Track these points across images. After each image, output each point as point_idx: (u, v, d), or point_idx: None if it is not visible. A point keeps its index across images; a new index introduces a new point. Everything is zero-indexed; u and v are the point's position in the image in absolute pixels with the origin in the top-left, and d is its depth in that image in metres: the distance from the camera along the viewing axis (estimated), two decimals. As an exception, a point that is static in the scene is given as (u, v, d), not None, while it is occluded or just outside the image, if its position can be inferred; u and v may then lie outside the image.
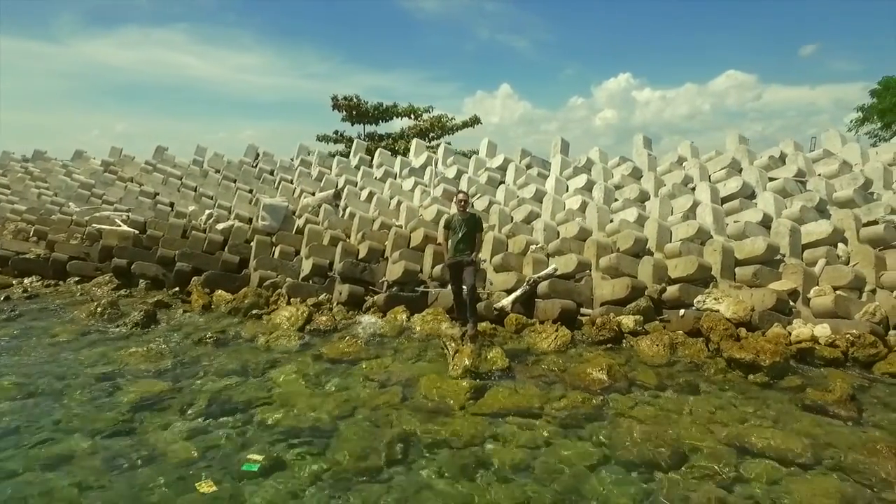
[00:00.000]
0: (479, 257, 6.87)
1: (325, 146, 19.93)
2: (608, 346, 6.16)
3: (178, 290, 8.65)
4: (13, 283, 9.07)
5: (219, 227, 10.21)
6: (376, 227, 9.54)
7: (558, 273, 7.37)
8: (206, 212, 11.26)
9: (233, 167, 13.68)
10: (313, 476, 3.47)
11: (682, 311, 6.52)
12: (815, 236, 7.25)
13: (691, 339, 6.05)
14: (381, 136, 20.75)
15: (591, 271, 7.57)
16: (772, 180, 9.01)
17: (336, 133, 20.92)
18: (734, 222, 7.95)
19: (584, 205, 9.17)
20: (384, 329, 6.82)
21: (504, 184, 10.78)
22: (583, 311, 6.92)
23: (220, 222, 10.48)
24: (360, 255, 8.65)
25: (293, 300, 7.80)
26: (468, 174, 11.21)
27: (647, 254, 7.66)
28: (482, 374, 5.21)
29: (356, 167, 12.98)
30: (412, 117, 21.17)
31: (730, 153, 10.20)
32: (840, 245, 7.15)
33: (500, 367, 5.33)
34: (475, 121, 21.14)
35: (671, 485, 3.40)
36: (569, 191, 10.10)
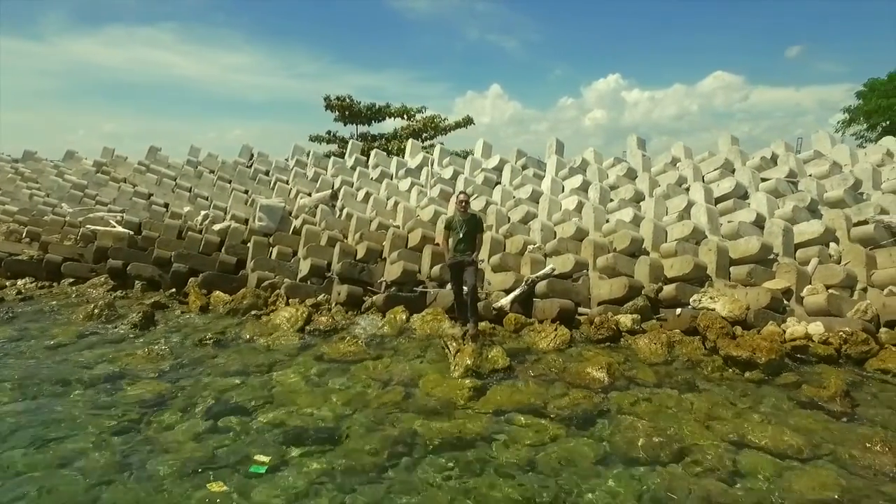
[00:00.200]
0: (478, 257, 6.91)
1: (318, 146, 19.91)
2: (607, 344, 6.23)
3: (174, 291, 8.60)
4: (6, 284, 8.97)
5: (215, 227, 10.18)
6: (374, 227, 9.57)
7: (556, 273, 7.44)
8: (201, 212, 11.21)
9: (227, 168, 13.63)
10: (320, 475, 3.49)
11: (678, 310, 6.61)
12: (807, 236, 7.38)
13: (688, 338, 6.13)
14: (373, 137, 20.77)
15: (588, 271, 7.65)
16: (764, 181, 9.16)
17: (329, 133, 20.92)
18: (728, 222, 8.07)
19: (580, 205, 9.26)
20: (384, 329, 6.85)
21: (500, 184, 10.85)
22: (581, 310, 7.01)
23: (216, 223, 10.45)
24: (358, 256, 8.67)
25: (292, 301, 7.81)
26: (464, 175, 11.26)
27: (644, 253, 7.76)
28: (483, 373, 5.26)
29: (352, 168, 12.99)
30: (405, 118, 21.21)
31: (722, 154, 10.34)
32: (832, 244, 7.29)
33: (501, 366, 5.38)
34: (468, 121, 21.23)
35: (673, 478, 3.47)
36: (564, 191, 10.20)
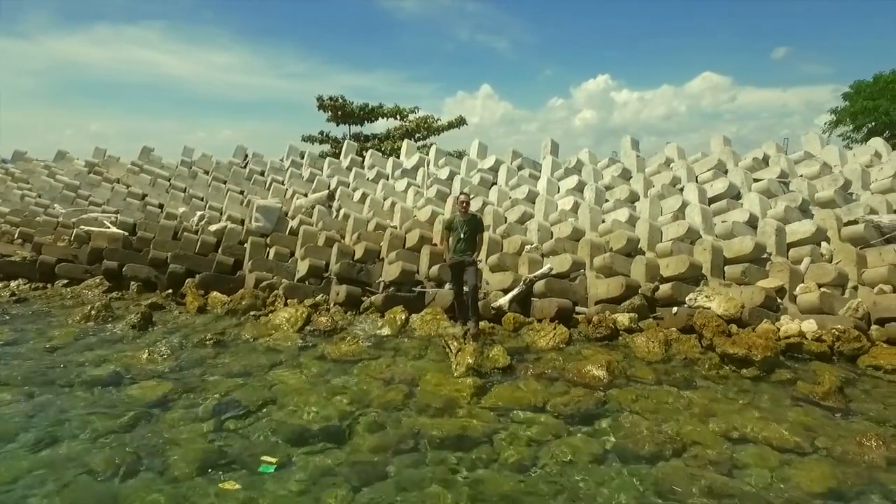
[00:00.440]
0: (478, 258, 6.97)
1: (311, 146, 19.86)
2: (605, 343, 6.31)
3: (171, 292, 8.57)
4: (-1, 286, 8.90)
5: (211, 228, 10.15)
6: (371, 228, 9.59)
7: (553, 272, 7.51)
8: (197, 213, 11.16)
9: (222, 168, 13.56)
10: (325, 474, 3.52)
11: (674, 309, 6.71)
12: (799, 235, 7.51)
13: (685, 336, 6.23)
14: (366, 137, 20.73)
15: (585, 270, 7.74)
16: (756, 181, 9.31)
17: (321, 133, 20.86)
18: (722, 222, 8.20)
19: (576, 205, 9.35)
20: (384, 329, 6.88)
21: (496, 185, 10.91)
22: (578, 309, 7.09)
23: (212, 224, 10.42)
24: (356, 256, 8.70)
25: (290, 301, 7.81)
26: (460, 175, 11.31)
27: (640, 253, 7.85)
28: (485, 371, 5.32)
29: (348, 168, 13.00)
30: (398, 118, 21.20)
31: (715, 155, 10.48)
32: (823, 244, 7.42)
33: (502, 364, 5.44)
34: (460, 121, 21.24)
35: (674, 473, 3.55)
36: (560, 192, 10.28)
